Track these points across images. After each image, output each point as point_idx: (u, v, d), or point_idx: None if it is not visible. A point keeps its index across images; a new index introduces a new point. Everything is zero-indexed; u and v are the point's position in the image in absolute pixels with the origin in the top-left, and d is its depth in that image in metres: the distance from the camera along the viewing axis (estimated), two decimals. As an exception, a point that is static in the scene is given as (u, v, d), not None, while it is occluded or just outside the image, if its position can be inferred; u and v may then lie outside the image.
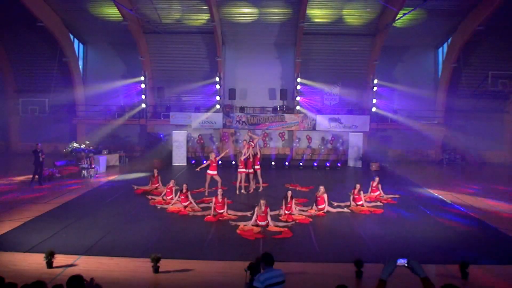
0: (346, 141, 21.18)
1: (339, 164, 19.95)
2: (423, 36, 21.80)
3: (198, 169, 14.01)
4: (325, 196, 11.12)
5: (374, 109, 21.66)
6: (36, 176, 14.29)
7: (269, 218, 9.73)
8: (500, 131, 21.68)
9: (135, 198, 12.63)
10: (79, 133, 22.06)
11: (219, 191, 10.81)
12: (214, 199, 10.68)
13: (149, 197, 12.52)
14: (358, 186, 11.75)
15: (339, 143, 22.04)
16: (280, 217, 10.34)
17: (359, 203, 11.59)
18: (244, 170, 13.40)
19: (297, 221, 10.17)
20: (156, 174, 14.00)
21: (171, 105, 22.43)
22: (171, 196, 11.87)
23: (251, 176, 13.63)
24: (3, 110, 22.83)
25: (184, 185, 11.42)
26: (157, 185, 13.81)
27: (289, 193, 10.75)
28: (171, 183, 12.16)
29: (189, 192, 11.39)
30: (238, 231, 9.31)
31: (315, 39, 21.87)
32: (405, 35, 21.41)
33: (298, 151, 22.26)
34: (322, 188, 11.15)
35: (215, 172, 13.23)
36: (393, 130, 21.56)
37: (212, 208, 10.56)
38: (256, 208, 9.80)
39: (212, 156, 13.47)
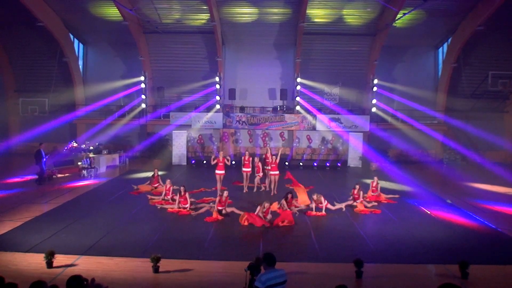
0: (346, 141, 21.19)
1: (339, 164, 19.96)
2: (423, 36, 21.81)
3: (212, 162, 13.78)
4: (322, 198, 11.11)
5: (374, 109, 21.66)
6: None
7: (269, 216, 9.84)
8: (500, 131, 21.66)
9: (135, 198, 12.63)
10: (79, 133, 22.07)
11: (225, 192, 10.89)
12: (218, 198, 10.72)
13: (149, 196, 12.53)
14: (357, 186, 11.79)
15: (339, 143, 22.06)
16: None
17: (358, 201, 11.62)
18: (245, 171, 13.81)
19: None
20: (156, 174, 14.02)
21: (171, 105, 22.43)
22: (170, 196, 11.88)
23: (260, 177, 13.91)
24: (3, 110, 22.82)
25: (182, 187, 11.33)
26: (157, 185, 13.83)
27: (290, 195, 10.78)
28: (168, 183, 12.18)
29: (187, 194, 11.37)
30: (243, 220, 9.34)
31: (315, 39, 21.87)
32: (405, 35, 21.39)
33: (298, 151, 22.28)
34: (315, 196, 11.11)
35: (223, 172, 13.35)
36: (393, 130, 21.55)
37: (216, 205, 10.61)
38: (259, 207, 9.79)
39: (220, 155, 13.62)
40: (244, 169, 13.82)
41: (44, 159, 14.29)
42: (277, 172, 13.46)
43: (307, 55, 22.05)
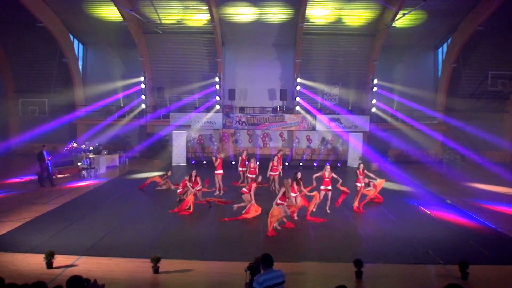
0: (346, 141, 21.19)
1: (339, 164, 19.94)
2: (423, 36, 21.81)
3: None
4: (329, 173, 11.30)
5: (374, 109, 21.67)
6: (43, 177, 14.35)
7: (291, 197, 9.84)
8: (500, 131, 21.67)
9: (135, 198, 12.64)
10: (79, 133, 22.08)
11: (253, 186, 10.85)
12: (252, 185, 10.74)
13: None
14: (361, 166, 11.89)
15: (339, 143, 22.06)
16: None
17: (359, 184, 11.71)
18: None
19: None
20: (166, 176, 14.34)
21: (171, 106, 22.43)
22: (180, 190, 12.16)
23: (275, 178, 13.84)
24: (3, 111, 22.82)
25: (193, 172, 11.90)
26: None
27: (299, 174, 10.58)
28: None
29: (198, 177, 11.82)
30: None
31: (315, 39, 21.88)
32: (405, 35, 21.41)
33: (298, 151, 22.28)
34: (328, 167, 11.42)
35: (222, 171, 13.46)
36: (393, 130, 21.55)
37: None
38: (282, 188, 9.69)
39: (219, 155, 13.76)
40: (240, 168, 13.98)
41: (47, 161, 14.24)
42: (277, 173, 13.59)
43: (307, 56, 22.06)
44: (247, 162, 13.88)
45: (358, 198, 11.64)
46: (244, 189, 10.91)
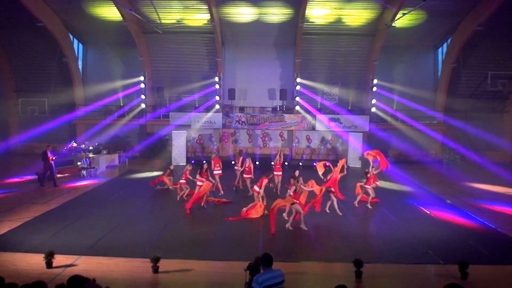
0: (345, 141, 21.19)
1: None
2: (423, 36, 21.82)
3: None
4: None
5: (373, 109, 21.67)
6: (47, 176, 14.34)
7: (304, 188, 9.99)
8: (499, 131, 21.68)
9: (135, 198, 12.62)
10: (79, 133, 22.07)
11: (264, 181, 10.91)
12: (264, 179, 10.80)
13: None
14: (372, 169, 12.02)
15: (339, 143, 22.06)
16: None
17: (368, 186, 11.82)
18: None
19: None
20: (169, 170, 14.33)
21: (171, 105, 22.42)
22: (183, 181, 12.34)
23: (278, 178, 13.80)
24: (3, 110, 22.81)
25: (205, 164, 11.77)
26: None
27: (297, 173, 10.53)
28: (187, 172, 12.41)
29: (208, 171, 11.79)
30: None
31: (314, 39, 21.87)
32: (405, 35, 21.41)
33: (297, 151, 22.28)
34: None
35: (220, 172, 13.55)
36: (392, 130, 21.55)
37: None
38: (292, 181, 9.71)
39: (212, 156, 13.89)
40: (236, 167, 14.21)
41: (51, 161, 14.21)
42: (280, 173, 13.57)
43: (307, 55, 22.05)
44: (244, 162, 13.89)
45: (360, 198, 11.92)
46: (255, 187, 10.93)
